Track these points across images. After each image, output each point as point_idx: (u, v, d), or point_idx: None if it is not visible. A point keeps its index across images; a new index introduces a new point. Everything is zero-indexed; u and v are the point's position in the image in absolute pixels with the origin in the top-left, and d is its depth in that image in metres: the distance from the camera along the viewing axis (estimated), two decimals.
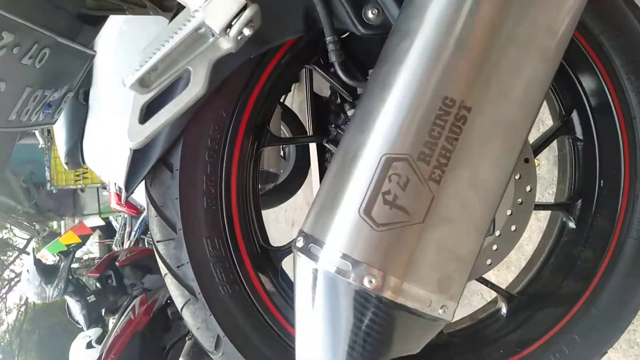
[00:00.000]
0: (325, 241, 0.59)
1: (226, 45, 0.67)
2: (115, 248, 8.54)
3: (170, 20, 0.85)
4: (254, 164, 1.03)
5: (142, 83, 0.67)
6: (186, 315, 0.98)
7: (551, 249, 1.15)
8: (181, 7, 0.72)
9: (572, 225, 1.11)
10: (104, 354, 2.94)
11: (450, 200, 0.57)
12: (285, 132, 2.95)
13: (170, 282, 0.97)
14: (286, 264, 1.09)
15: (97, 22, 1.14)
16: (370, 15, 0.81)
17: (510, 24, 0.59)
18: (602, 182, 1.06)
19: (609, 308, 1.02)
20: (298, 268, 0.63)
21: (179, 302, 0.98)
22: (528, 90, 0.60)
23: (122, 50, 1.87)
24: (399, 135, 0.57)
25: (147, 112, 0.73)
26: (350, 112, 0.92)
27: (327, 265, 0.59)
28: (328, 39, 0.83)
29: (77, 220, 9.76)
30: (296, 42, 0.95)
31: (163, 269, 0.98)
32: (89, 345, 3.76)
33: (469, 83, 0.57)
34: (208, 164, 0.93)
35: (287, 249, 1.08)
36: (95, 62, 1.20)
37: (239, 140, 0.95)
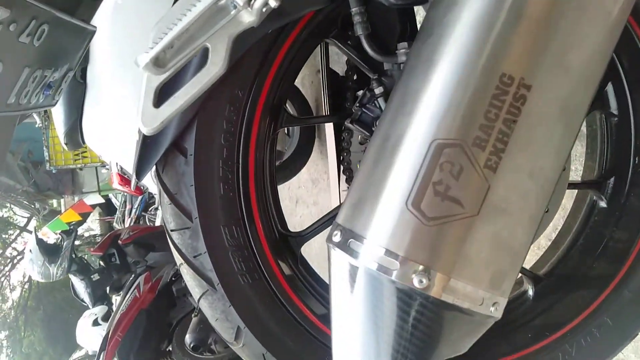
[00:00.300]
0: (367, 236, 0.54)
1: (248, 18, 0.61)
2: (116, 225, 8.53)
3: None
4: (271, 146, 0.97)
5: (157, 63, 0.61)
6: (204, 306, 0.93)
7: (580, 229, 1.11)
8: None
9: (603, 204, 1.06)
10: (111, 331, 2.95)
11: (508, 190, 0.51)
12: (289, 109, 2.87)
13: (186, 273, 0.93)
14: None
15: None
16: None
17: None
18: (637, 159, 1.00)
19: None
20: (335, 264, 0.58)
21: (196, 293, 0.93)
22: (590, 64, 0.54)
23: (119, 25, 1.78)
24: (451, 118, 0.51)
25: (161, 94, 0.67)
26: (378, 90, 0.86)
27: (368, 262, 0.54)
28: (354, 9, 0.76)
29: (76, 198, 9.71)
30: (315, 15, 0.88)
31: (178, 259, 0.93)
32: (95, 323, 3.79)
33: (530, 58, 0.51)
34: (224, 148, 0.87)
35: (306, 234, 1.03)
36: None
37: (257, 121, 0.88)
